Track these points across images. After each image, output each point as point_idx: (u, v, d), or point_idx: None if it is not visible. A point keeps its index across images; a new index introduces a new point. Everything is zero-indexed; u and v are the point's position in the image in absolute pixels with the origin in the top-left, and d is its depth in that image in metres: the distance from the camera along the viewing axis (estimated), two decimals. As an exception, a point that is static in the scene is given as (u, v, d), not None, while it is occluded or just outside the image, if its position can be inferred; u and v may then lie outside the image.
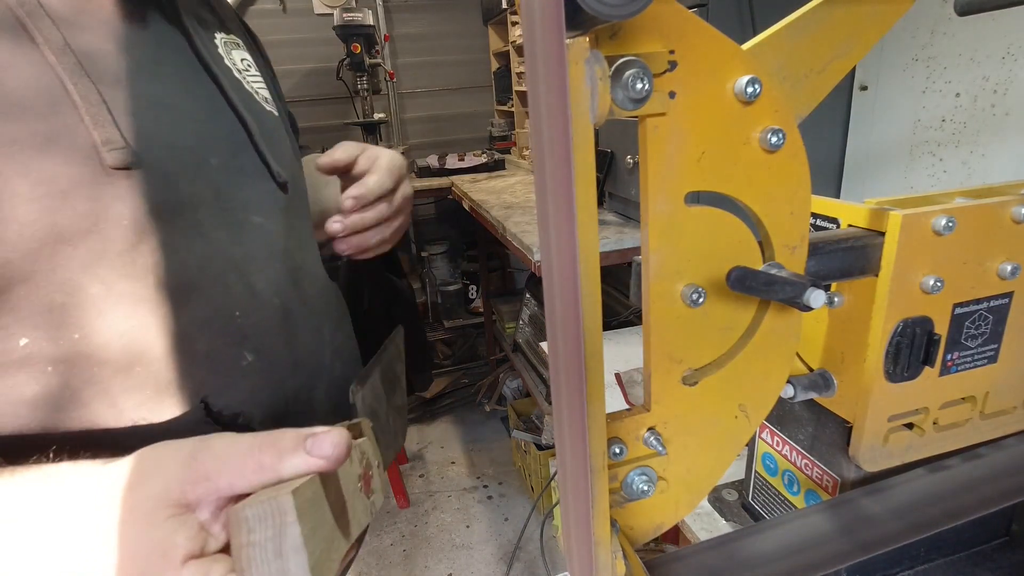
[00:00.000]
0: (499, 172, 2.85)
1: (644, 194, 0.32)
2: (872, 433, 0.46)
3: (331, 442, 0.32)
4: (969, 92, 1.23)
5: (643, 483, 0.36)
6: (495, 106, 3.55)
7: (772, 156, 0.33)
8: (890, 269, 0.41)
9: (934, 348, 0.44)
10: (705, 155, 0.32)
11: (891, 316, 0.43)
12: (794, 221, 0.35)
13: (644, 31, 0.28)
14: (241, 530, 0.24)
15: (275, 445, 0.31)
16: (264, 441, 0.32)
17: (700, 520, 0.66)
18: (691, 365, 0.36)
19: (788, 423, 0.56)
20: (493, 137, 3.34)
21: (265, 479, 0.30)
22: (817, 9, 0.34)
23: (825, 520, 0.42)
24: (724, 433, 0.38)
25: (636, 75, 0.28)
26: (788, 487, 0.58)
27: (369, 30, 2.59)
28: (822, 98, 0.35)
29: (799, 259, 0.36)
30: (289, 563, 0.24)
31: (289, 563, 0.24)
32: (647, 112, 0.29)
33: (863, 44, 0.35)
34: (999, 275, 0.45)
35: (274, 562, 0.23)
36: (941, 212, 0.41)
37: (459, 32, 3.38)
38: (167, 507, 0.30)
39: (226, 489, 0.31)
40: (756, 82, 0.30)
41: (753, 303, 0.36)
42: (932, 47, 1.29)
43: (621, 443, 0.36)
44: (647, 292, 0.34)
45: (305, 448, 0.31)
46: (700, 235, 0.33)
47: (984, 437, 0.50)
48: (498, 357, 3.02)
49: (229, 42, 0.60)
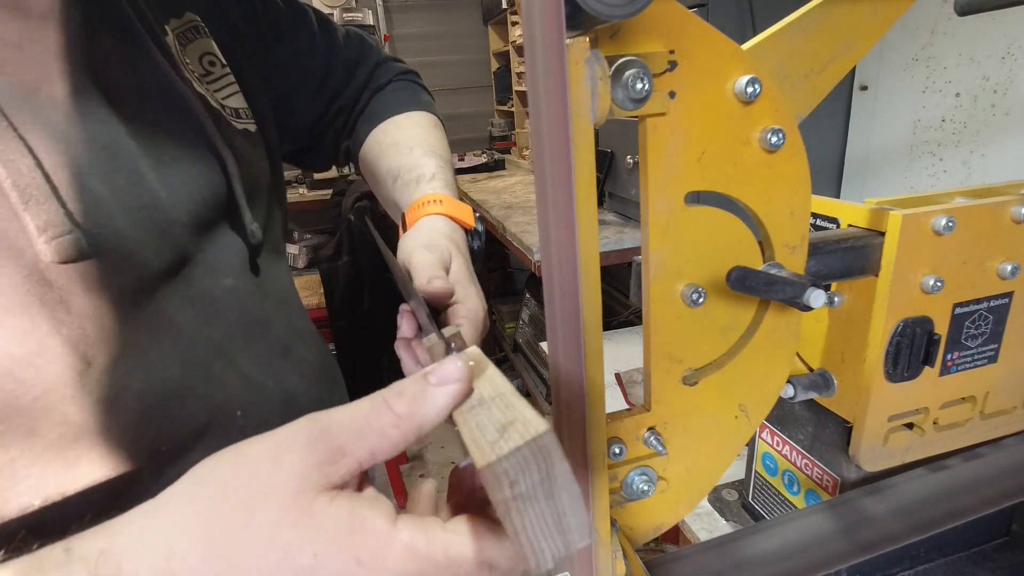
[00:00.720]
0: (499, 172, 2.85)
1: (644, 194, 0.32)
2: (872, 433, 0.46)
3: (451, 364, 0.27)
4: (969, 92, 1.23)
5: (643, 483, 0.36)
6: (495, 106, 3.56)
7: (772, 156, 0.33)
8: (890, 269, 0.41)
9: (934, 348, 0.44)
10: (705, 155, 0.32)
11: (891, 316, 0.43)
12: (794, 221, 0.35)
13: (644, 31, 0.28)
14: (502, 484, 0.21)
15: (401, 394, 0.26)
16: (385, 395, 0.27)
17: (700, 520, 0.66)
18: (691, 365, 0.36)
19: (788, 423, 0.56)
20: (493, 137, 3.35)
21: (406, 433, 0.26)
22: (817, 9, 0.34)
23: (825, 520, 0.42)
24: (724, 433, 0.38)
25: (636, 75, 0.28)
26: (788, 487, 0.58)
27: (369, 30, 2.59)
28: (822, 98, 0.35)
29: (799, 259, 0.36)
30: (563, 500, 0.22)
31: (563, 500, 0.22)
32: (647, 112, 0.29)
33: (863, 44, 0.35)
34: (999, 275, 0.45)
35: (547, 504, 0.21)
36: (941, 212, 0.41)
37: (459, 32, 3.38)
38: (317, 497, 0.24)
39: (367, 459, 0.26)
40: (756, 82, 0.30)
41: (753, 303, 0.36)
42: (932, 47, 1.29)
43: (621, 443, 0.35)
44: (647, 292, 0.34)
45: (430, 382, 0.26)
46: (700, 235, 0.33)
47: (984, 437, 0.50)
48: (498, 357, 3.02)
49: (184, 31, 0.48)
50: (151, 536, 0.24)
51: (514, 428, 0.22)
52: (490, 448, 0.22)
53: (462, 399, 0.27)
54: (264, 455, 0.25)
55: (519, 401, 0.24)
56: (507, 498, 0.21)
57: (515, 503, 0.21)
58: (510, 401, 0.25)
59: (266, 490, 0.24)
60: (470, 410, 0.26)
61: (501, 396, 0.25)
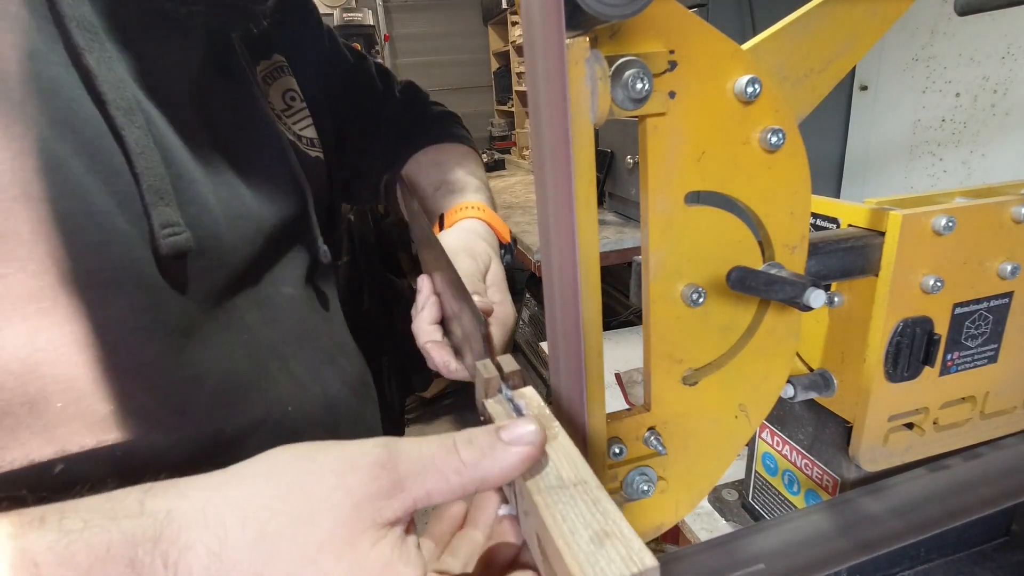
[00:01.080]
0: (499, 172, 2.85)
1: (644, 194, 0.32)
2: (872, 433, 0.46)
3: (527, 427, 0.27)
4: (969, 92, 1.23)
5: (643, 483, 0.36)
6: (495, 106, 3.55)
7: (772, 156, 0.33)
8: (890, 269, 0.41)
9: (934, 348, 0.44)
10: (705, 155, 0.32)
11: (891, 316, 0.43)
12: (794, 221, 0.35)
13: (644, 31, 0.28)
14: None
15: (470, 442, 0.27)
16: (456, 439, 0.27)
17: (700, 520, 0.66)
18: (691, 365, 0.36)
19: (788, 423, 0.56)
20: (493, 137, 3.35)
21: (466, 482, 0.26)
22: (817, 9, 0.34)
23: (825, 520, 0.42)
24: (724, 433, 0.38)
25: (636, 75, 0.28)
26: (788, 487, 0.58)
27: (369, 30, 2.59)
28: (822, 98, 0.35)
29: (799, 259, 0.36)
30: None
31: None
32: (647, 112, 0.29)
33: (863, 44, 0.35)
34: (999, 275, 0.45)
35: None
36: (941, 212, 0.41)
37: (459, 32, 3.38)
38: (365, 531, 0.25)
39: (423, 499, 0.26)
40: (756, 82, 0.30)
41: (753, 303, 0.36)
42: (932, 47, 1.29)
43: (621, 443, 0.35)
44: (647, 292, 0.34)
45: (502, 438, 0.26)
46: (700, 235, 0.33)
47: (984, 437, 0.50)
48: (498, 357, 3.01)
49: (271, 71, 0.56)
50: (212, 511, 0.25)
51: (613, 546, 0.22)
52: (590, 566, 0.21)
53: (531, 464, 0.26)
54: (331, 469, 0.26)
55: (606, 500, 0.24)
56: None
57: None
58: (596, 496, 0.24)
59: (323, 507, 0.25)
60: (550, 491, 0.25)
61: (584, 486, 0.25)
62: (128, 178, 0.36)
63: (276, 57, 0.57)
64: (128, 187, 0.36)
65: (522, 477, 0.26)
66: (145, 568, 0.24)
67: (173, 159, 0.40)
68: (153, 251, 0.37)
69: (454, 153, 0.71)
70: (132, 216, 0.36)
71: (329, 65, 0.66)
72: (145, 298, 0.36)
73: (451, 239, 0.55)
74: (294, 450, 0.27)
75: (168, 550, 0.24)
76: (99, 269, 0.34)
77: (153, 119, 0.39)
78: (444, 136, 0.73)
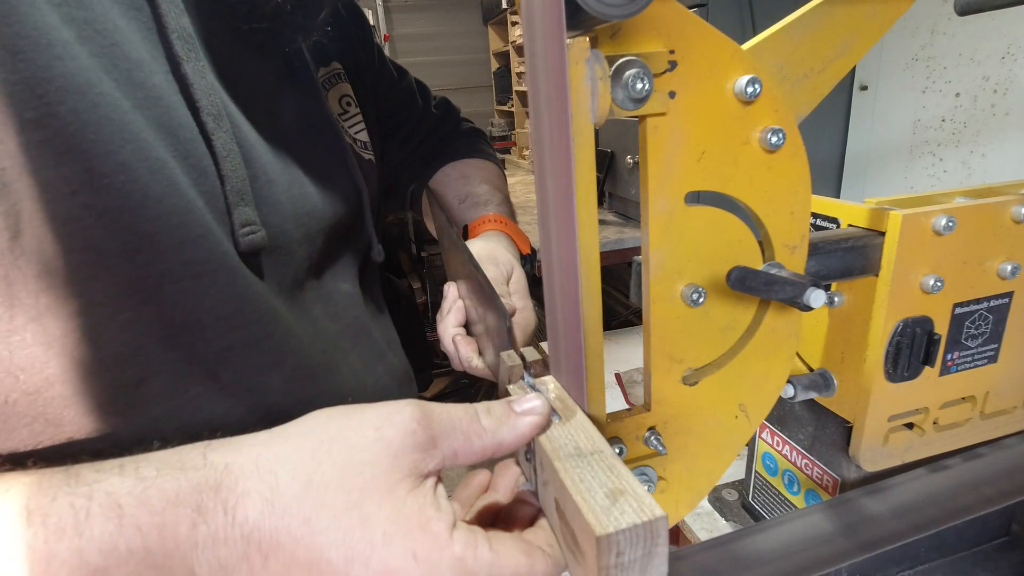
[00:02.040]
0: (499, 172, 2.85)
1: (644, 194, 0.32)
2: (872, 433, 0.46)
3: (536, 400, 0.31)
4: (969, 92, 1.23)
5: (643, 483, 0.36)
6: (495, 106, 3.56)
7: (772, 156, 0.33)
8: (890, 269, 0.41)
9: (934, 348, 0.44)
10: (705, 155, 0.32)
11: (891, 316, 0.43)
12: (794, 221, 0.35)
13: (644, 31, 0.28)
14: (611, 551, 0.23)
15: (489, 412, 0.30)
16: (477, 408, 0.30)
17: (700, 520, 0.66)
18: (691, 365, 0.36)
19: (788, 423, 0.56)
20: (493, 137, 3.35)
21: (486, 445, 0.29)
22: (817, 9, 0.34)
23: (825, 520, 0.42)
24: (724, 433, 0.38)
25: (636, 75, 0.28)
26: (788, 487, 0.58)
27: (369, 30, 2.59)
28: (822, 98, 0.35)
29: (799, 259, 0.36)
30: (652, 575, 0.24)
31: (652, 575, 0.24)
32: (647, 112, 0.29)
33: (863, 44, 0.35)
34: (999, 275, 0.45)
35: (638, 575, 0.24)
36: (941, 212, 0.41)
37: (459, 32, 3.38)
38: (403, 480, 0.27)
39: (451, 457, 0.29)
40: (756, 82, 0.30)
41: (753, 303, 0.36)
42: (932, 47, 1.29)
43: (621, 443, 0.36)
44: (647, 292, 0.34)
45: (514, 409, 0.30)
46: (700, 235, 0.33)
47: (984, 437, 0.50)
48: (498, 357, 3.02)
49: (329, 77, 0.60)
50: (264, 463, 0.28)
51: (626, 500, 0.24)
52: (605, 516, 0.23)
53: (538, 432, 0.30)
54: (371, 424, 0.29)
55: (620, 465, 0.26)
56: (608, 565, 0.23)
57: (614, 570, 0.23)
58: (611, 463, 0.27)
59: (365, 458, 0.27)
60: (569, 459, 0.27)
61: (600, 454, 0.27)
62: (215, 179, 0.39)
63: (334, 64, 0.61)
64: (214, 187, 0.39)
65: (544, 449, 0.29)
66: (208, 512, 0.27)
67: (252, 160, 0.43)
68: (233, 246, 0.40)
69: (480, 168, 0.76)
70: (217, 214, 0.39)
71: (377, 78, 0.71)
72: (231, 289, 0.40)
73: (476, 248, 0.59)
74: (333, 411, 0.30)
75: (227, 497, 0.27)
76: (196, 261, 0.37)
77: (237, 123, 0.43)
78: (472, 152, 0.78)
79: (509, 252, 0.62)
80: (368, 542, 0.26)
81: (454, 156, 0.77)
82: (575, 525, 0.25)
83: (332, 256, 0.53)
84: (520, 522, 0.32)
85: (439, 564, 0.26)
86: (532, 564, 0.28)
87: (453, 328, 0.54)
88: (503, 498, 0.35)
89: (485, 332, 0.50)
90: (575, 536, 0.26)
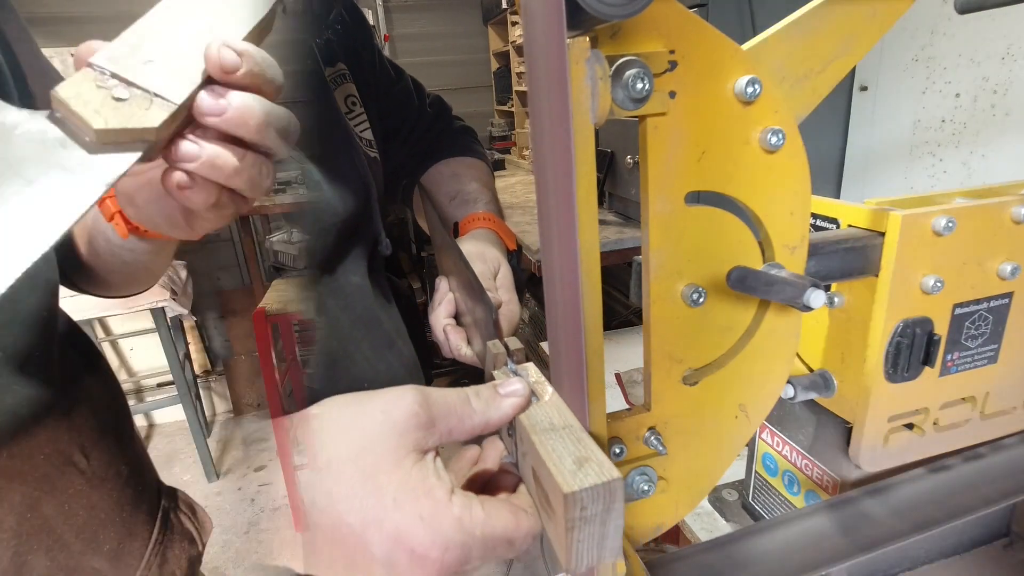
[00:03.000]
0: (499, 172, 2.85)
1: (644, 194, 0.32)
2: (872, 433, 0.46)
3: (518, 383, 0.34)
4: (969, 92, 1.23)
5: (643, 483, 0.36)
6: (495, 106, 3.55)
7: (772, 156, 0.33)
8: (890, 269, 0.41)
9: (934, 348, 0.44)
10: (705, 155, 0.32)
11: (891, 316, 0.43)
12: (794, 221, 0.35)
13: (644, 31, 0.28)
14: (575, 507, 0.27)
15: (477, 394, 0.34)
16: (468, 392, 0.34)
17: (700, 520, 0.66)
18: (691, 365, 0.36)
19: (788, 423, 0.56)
20: (493, 137, 3.35)
21: (476, 424, 0.33)
22: (817, 9, 0.34)
23: (825, 520, 0.42)
24: (724, 433, 0.38)
25: (636, 75, 0.28)
26: (788, 487, 0.58)
27: (369, 30, 2.59)
28: (822, 99, 0.35)
29: (799, 259, 0.36)
30: (609, 527, 0.28)
31: (609, 527, 0.28)
32: (647, 112, 0.29)
33: (863, 44, 0.35)
34: (999, 275, 0.45)
35: (598, 528, 0.28)
36: (941, 212, 0.41)
37: (459, 32, 3.38)
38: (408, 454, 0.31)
39: (446, 435, 0.33)
40: (756, 82, 0.30)
41: (753, 303, 0.36)
42: (932, 47, 1.29)
43: (621, 443, 0.36)
44: (647, 292, 0.34)
45: (499, 392, 0.34)
46: (700, 235, 0.33)
47: (984, 437, 0.50)
48: (498, 357, 3.01)
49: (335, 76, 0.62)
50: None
51: (590, 465, 0.28)
52: (571, 478, 0.27)
53: (519, 411, 0.34)
54: (379, 408, 0.32)
55: (587, 437, 0.30)
56: (574, 517, 0.27)
57: (579, 522, 0.27)
58: (579, 436, 0.30)
59: (376, 438, 0.31)
60: (544, 433, 0.31)
61: (570, 428, 0.31)
62: None
63: (340, 64, 0.64)
64: None
65: (523, 425, 0.32)
66: None
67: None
68: None
69: (470, 167, 0.79)
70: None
71: (378, 78, 0.74)
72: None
73: (466, 246, 0.63)
74: (342, 398, 0.34)
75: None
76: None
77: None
78: (463, 150, 0.81)
79: (497, 249, 0.65)
80: (381, 507, 0.30)
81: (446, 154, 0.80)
82: (548, 487, 0.29)
83: (344, 250, 0.57)
84: (505, 489, 0.36)
85: (442, 523, 0.30)
86: (518, 522, 0.32)
87: (444, 319, 0.58)
88: (491, 469, 0.39)
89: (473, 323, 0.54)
90: (548, 497, 0.29)
